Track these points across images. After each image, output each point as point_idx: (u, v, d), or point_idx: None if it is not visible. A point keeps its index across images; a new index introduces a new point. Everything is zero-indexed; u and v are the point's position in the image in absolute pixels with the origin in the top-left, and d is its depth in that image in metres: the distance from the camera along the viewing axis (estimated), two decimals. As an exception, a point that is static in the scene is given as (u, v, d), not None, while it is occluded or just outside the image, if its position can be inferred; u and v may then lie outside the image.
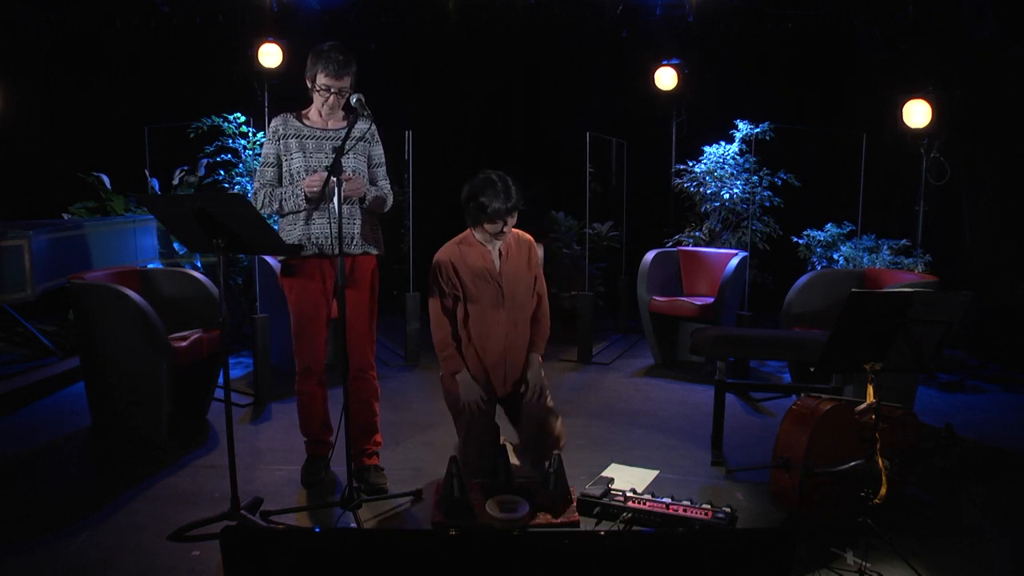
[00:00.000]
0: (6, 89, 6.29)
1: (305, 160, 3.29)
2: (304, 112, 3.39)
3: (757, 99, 6.72)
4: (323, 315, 3.41)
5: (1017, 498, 3.45)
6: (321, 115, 3.36)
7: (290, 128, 3.33)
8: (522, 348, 3.47)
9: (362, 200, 3.35)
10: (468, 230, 3.47)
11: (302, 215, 3.29)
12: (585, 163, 6.07)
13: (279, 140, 3.33)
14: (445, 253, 3.44)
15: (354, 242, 3.35)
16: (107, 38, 6.91)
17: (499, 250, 3.45)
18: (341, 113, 3.39)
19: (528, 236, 3.57)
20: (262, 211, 3.30)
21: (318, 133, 3.34)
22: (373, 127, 3.38)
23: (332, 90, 3.26)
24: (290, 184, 3.30)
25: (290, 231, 3.33)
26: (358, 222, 3.36)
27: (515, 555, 1.50)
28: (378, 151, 3.47)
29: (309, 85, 3.32)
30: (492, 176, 3.33)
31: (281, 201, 3.29)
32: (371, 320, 3.48)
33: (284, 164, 3.34)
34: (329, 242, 3.30)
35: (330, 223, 3.29)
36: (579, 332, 5.89)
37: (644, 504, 3.13)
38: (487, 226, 3.33)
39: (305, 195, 3.23)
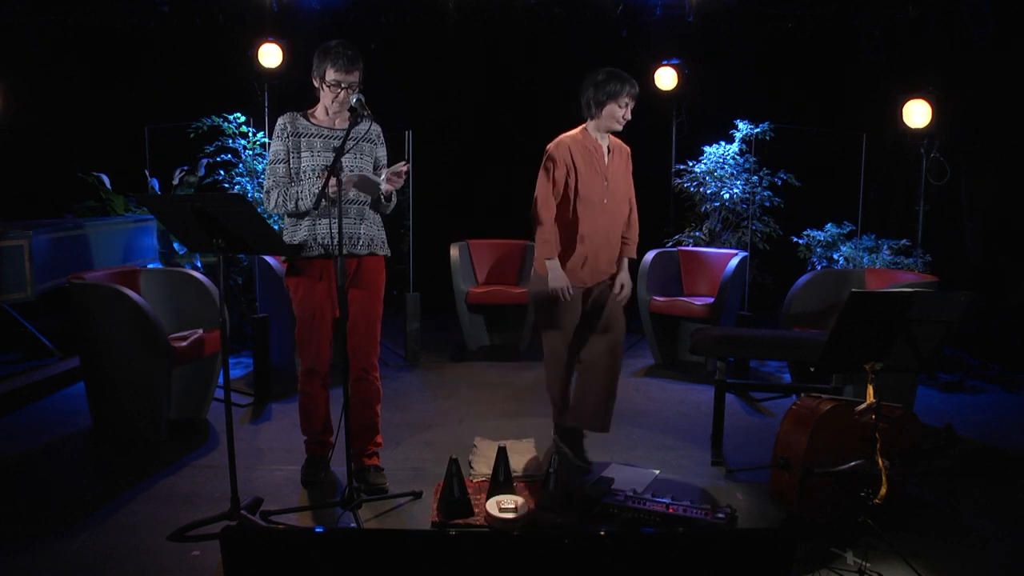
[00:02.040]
0: (7, 89, 6.29)
1: (312, 159, 3.27)
2: (310, 111, 3.38)
3: (757, 99, 6.72)
4: (328, 316, 3.40)
5: (1017, 498, 3.45)
6: (328, 114, 3.34)
7: (298, 126, 3.30)
8: (614, 248, 3.69)
9: (375, 203, 3.33)
10: (581, 126, 3.62)
11: (309, 214, 3.28)
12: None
13: (288, 137, 3.30)
14: (565, 137, 3.58)
15: (360, 243, 3.34)
16: (107, 38, 6.91)
17: (607, 147, 3.62)
18: (347, 113, 3.36)
19: (627, 146, 3.77)
20: (275, 210, 3.29)
21: (325, 132, 3.32)
22: (378, 128, 3.38)
23: (342, 85, 3.23)
24: (296, 183, 3.29)
25: (295, 231, 3.31)
26: (366, 223, 3.35)
27: (515, 555, 1.50)
28: (383, 153, 3.46)
29: (316, 84, 3.30)
30: (612, 69, 3.55)
31: (297, 200, 3.25)
32: (376, 322, 3.47)
33: (292, 162, 3.32)
34: (335, 242, 3.29)
35: (330, 223, 3.28)
36: (579, 332, 5.88)
37: (644, 504, 3.13)
38: (613, 107, 3.50)
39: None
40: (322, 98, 3.33)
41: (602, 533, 1.53)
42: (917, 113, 5.46)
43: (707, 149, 6.29)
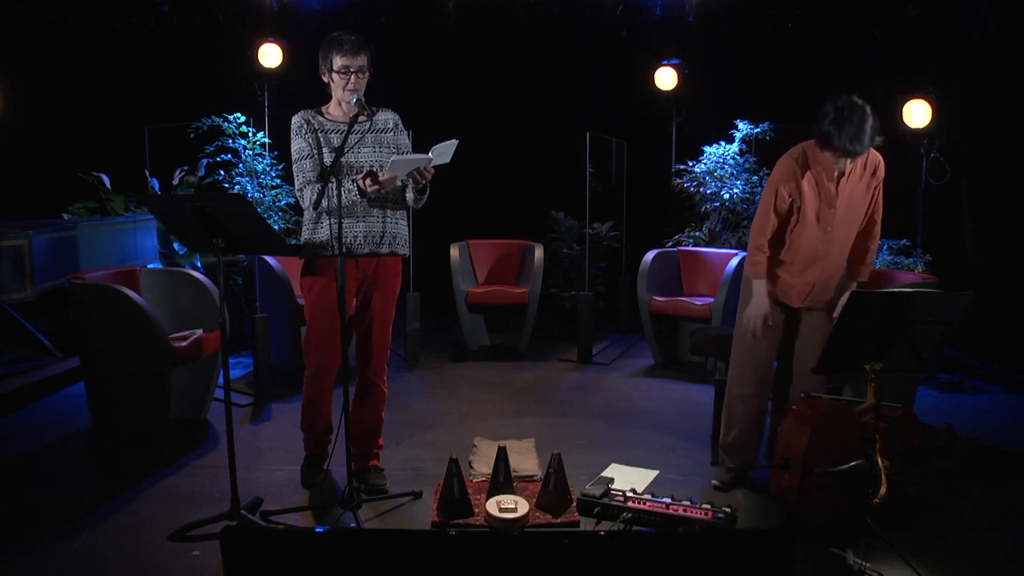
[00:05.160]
0: (7, 89, 6.28)
1: (331, 156, 3.20)
2: (323, 108, 3.33)
3: (757, 99, 6.71)
4: (340, 317, 3.34)
5: (1017, 498, 3.45)
6: (341, 107, 3.29)
7: (314, 123, 3.26)
8: (833, 274, 3.33)
9: (403, 198, 3.27)
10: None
11: (327, 214, 3.22)
12: (585, 163, 6.07)
13: (306, 133, 3.24)
14: (794, 160, 3.23)
15: (383, 241, 3.29)
16: (107, 38, 6.91)
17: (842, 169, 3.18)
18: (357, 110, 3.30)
19: (878, 155, 3.26)
20: (312, 208, 3.19)
21: (341, 127, 3.25)
22: (395, 116, 3.35)
23: (351, 69, 3.16)
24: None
25: (316, 228, 3.25)
26: (389, 219, 3.30)
27: (515, 555, 1.50)
28: (404, 141, 3.39)
29: (325, 79, 3.25)
30: (856, 104, 3.02)
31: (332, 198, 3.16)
32: (389, 324, 3.43)
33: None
34: (358, 241, 3.24)
35: (350, 223, 3.21)
36: (579, 332, 5.88)
37: (644, 504, 3.13)
38: (828, 154, 3.12)
39: (359, 189, 3.13)
40: (333, 91, 3.27)
41: (602, 533, 1.53)
42: (917, 113, 5.46)
43: (707, 149, 6.29)
